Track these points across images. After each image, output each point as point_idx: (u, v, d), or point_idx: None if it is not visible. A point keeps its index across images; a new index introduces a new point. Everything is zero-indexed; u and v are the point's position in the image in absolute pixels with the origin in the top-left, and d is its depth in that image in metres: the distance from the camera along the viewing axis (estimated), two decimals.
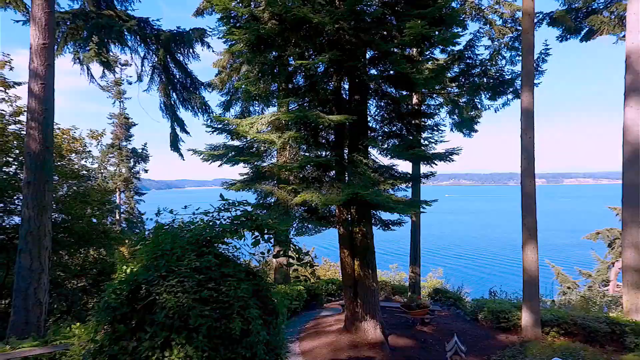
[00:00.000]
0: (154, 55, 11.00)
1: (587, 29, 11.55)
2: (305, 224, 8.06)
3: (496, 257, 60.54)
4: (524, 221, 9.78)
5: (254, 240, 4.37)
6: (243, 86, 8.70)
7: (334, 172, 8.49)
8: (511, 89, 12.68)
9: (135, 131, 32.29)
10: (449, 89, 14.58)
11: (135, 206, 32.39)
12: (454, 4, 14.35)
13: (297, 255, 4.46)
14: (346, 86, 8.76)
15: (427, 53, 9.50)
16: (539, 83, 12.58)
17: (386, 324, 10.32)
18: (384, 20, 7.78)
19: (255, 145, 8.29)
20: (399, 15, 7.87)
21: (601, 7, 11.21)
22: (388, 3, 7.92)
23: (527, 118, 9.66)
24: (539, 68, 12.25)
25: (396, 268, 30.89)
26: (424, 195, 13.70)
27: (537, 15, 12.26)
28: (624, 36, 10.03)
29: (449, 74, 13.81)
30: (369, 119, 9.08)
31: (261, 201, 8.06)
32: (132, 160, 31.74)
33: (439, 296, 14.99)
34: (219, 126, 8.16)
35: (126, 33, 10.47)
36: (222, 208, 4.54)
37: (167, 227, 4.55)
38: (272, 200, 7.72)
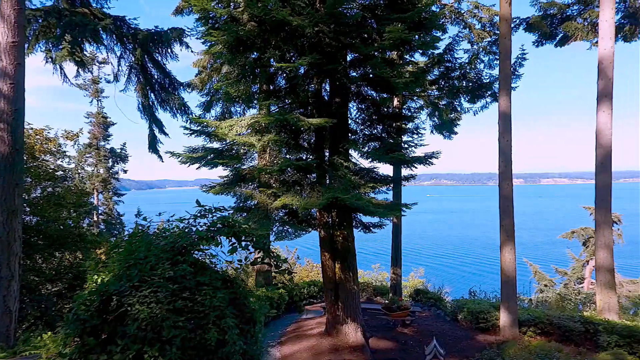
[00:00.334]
0: (130, 55, 10.74)
1: (561, 34, 11.85)
2: (286, 228, 7.99)
3: (476, 256, 61.63)
4: (501, 223, 9.94)
5: (231, 247, 4.29)
6: (223, 88, 8.61)
7: (314, 175, 8.46)
8: (489, 92, 12.89)
9: (114, 130, 31.57)
10: (430, 91, 14.74)
11: (114, 207, 31.66)
12: (434, 8, 14.62)
13: (275, 263, 4.39)
14: (328, 88, 8.75)
15: (407, 57, 9.54)
16: (516, 87, 12.82)
17: (367, 326, 10.35)
18: (365, 23, 7.79)
19: (235, 148, 8.18)
20: (379, 18, 7.89)
21: (575, 14, 11.51)
22: (368, 6, 7.94)
23: (505, 122, 9.83)
24: (516, 72, 12.48)
25: (378, 268, 31.08)
26: (406, 196, 13.82)
27: (514, 20, 12.50)
28: (596, 42, 10.30)
29: (429, 77, 13.97)
30: (350, 121, 9.10)
31: (241, 204, 7.95)
32: (110, 160, 31.04)
33: (420, 297, 15.14)
34: (198, 128, 8.02)
35: (102, 32, 10.20)
36: (199, 214, 4.45)
37: (141, 234, 4.43)
38: (253, 204, 7.62)
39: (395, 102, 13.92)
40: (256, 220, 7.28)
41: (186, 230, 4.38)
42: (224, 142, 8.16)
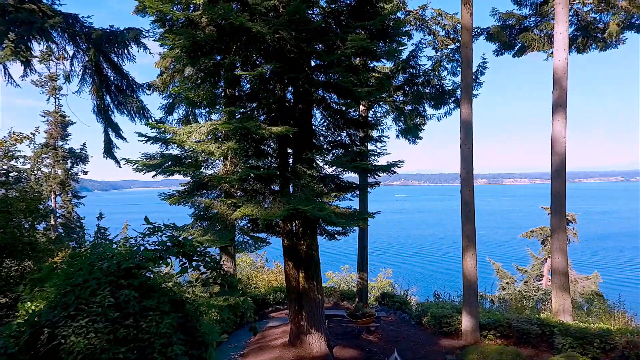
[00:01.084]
0: (84, 55, 10.16)
1: (520, 45, 12.24)
2: (246, 239, 7.77)
3: (443, 254, 63.16)
4: (463, 228, 10.12)
5: (181, 267, 4.06)
6: (182, 92, 8.29)
7: (278, 183, 8.29)
8: (452, 99, 13.15)
9: (74, 130, 30.08)
10: (395, 96, 14.88)
11: (73, 210, 30.17)
12: (399, 14, 14.77)
13: (228, 283, 4.19)
14: (292, 93, 8.60)
15: (372, 63, 9.53)
16: (477, 94, 13.16)
17: (332, 333, 10.27)
18: (328, 30, 7.70)
19: (194, 155, 7.88)
20: (342, 26, 7.82)
21: (532, 25, 11.91)
22: (332, 13, 7.85)
23: (466, 129, 10.01)
24: (477, 80, 12.79)
25: (347, 269, 31.18)
26: (375, 196, 13.88)
27: (476, 30, 12.80)
28: (552, 53, 10.68)
29: (395, 83, 14.10)
30: (315, 127, 8.99)
31: (201, 213, 7.66)
32: (69, 161, 29.51)
33: (386, 300, 15.26)
34: (154, 135, 7.66)
35: (52, 30, 9.59)
36: (147, 232, 4.19)
37: (83, 254, 4.12)
38: (213, 213, 7.35)
39: (362, 107, 13.95)
40: (216, 230, 7.02)
41: (134, 249, 4.12)
42: (183, 149, 7.85)
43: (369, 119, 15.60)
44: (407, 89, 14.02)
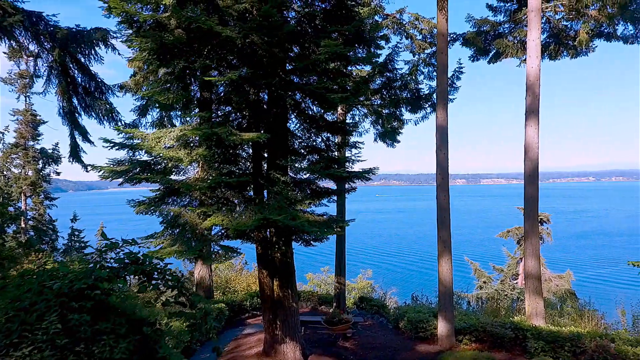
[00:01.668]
0: (49, 55, 9.72)
1: (494, 50, 12.39)
2: (216, 249, 7.54)
3: (423, 253, 63.94)
4: (439, 234, 10.15)
5: (139, 286, 3.84)
6: (153, 96, 7.99)
7: (251, 190, 8.10)
8: (429, 103, 13.20)
9: (45, 129, 29.08)
10: (373, 100, 14.86)
11: (45, 212, 29.11)
12: (377, 18, 14.76)
13: (190, 302, 4.00)
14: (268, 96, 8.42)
15: (350, 68, 9.44)
16: (454, 98, 13.26)
17: (309, 340, 10.14)
18: (302, 34, 7.56)
19: (164, 162, 7.60)
20: (317, 30, 7.69)
21: (506, 31, 12.08)
22: (306, 17, 7.71)
23: (442, 135, 10.03)
24: (454, 85, 12.88)
25: (328, 271, 31.13)
26: (356, 196, 13.79)
27: (452, 35, 12.89)
28: (525, 59, 10.83)
29: (372, 86, 14.07)
30: (291, 132, 8.83)
31: (171, 222, 7.38)
32: (40, 161, 28.42)
33: (364, 304, 15.23)
34: (121, 140, 7.34)
35: (13, 28, 9.13)
36: (103, 249, 3.95)
37: (34, 273, 3.85)
38: (183, 221, 7.09)
39: (340, 111, 13.86)
40: (184, 240, 6.78)
41: (89, 266, 3.88)
42: (152, 154, 7.55)
43: (347, 122, 15.59)
44: (385, 92, 14.01)
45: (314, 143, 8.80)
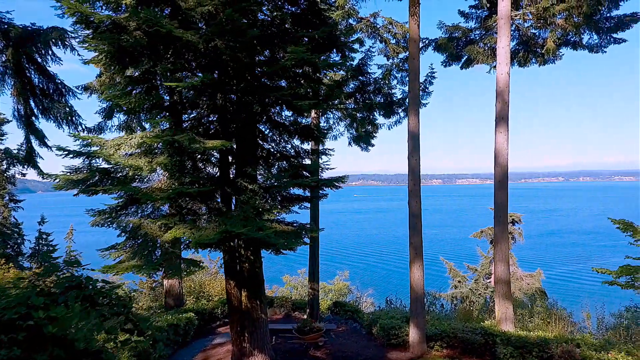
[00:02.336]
0: (2, 54, 9.16)
1: (466, 57, 12.48)
2: (178, 262, 7.22)
3: (401, 253, 64.66)
4: (411, 240, 10.10)
5: (82, 312, 3.55)
6: (113, 100, 7.60)
7: (219, 198, 7.82)
8: (402, 108, 13.19)
9: (11, 128, 27.73)
10: (348, 103, 14.76)
11: (10, 215, 27.72)
12: (351, 21, 14.67)
13: (139, 329, 3.72)
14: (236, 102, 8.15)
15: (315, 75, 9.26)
16: (426, 103, 13.31)
17: (279, 350, 9.91)
18: (270, 39, 7.33)
19: (126, 169, 7.23)
20: (286, 35, 7.48)
21: (477, 38, 12.19)
22: (274, 21, 7.49)
23: (414, 141, 10.00)
24: (426, 89, 12.91)
25: (304, 273, 30.93)
26: (334, 196, 13.67)
27: (424, 40, 12.92)
28: (495, 66, 10.92)
29: (347, 89, 13.96)
30: (260, 138, 8.59)
31: (131, 233, 7.02)
32: (4, 162, 27.03)
33: (338, 309, 15.13)
34: (77, 148, 6.93)
35: None
36: (44, 272, 3.64)
37: None
38: (142, 233, 6.75)
39: (313, 114, 13.70)
40: (144, 254, 6.45)
41: (26, 290, 3.56)
42: (110, 163, 7.17)
43: (322, 125, 15.43)
44: (359, 96, 13.94)
45: (284, 150, 8.59)
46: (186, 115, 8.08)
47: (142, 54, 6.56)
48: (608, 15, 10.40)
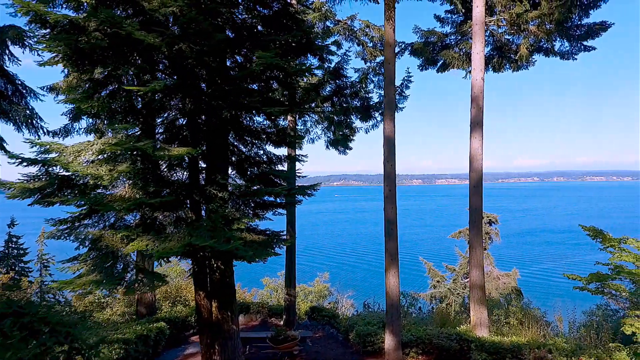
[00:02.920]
0: None
1: (442, 61, 12.50)
2: (141, 277, 6.88)
3: (380, 252, 65.01)
4: (386, 246, 10.00)
5: (20, 343, 3.25)
6: (74, 104, 7.21)
7: (189, 207, 7.51)
8: (379, 112, 13.12)
9: None
10: (325, 106, 14.61)
11: None
12: (328, 23, 14.52)
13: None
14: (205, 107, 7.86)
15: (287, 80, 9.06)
16: (403, 107, 13.28)
17: None
18: (241, 43, 7.09)
19: (86, 179, 6.85)
20: (256, 39, 7.25)
21: (453, 43, 12.22)
22: (244, 24, 7.25)
23: (389, 147, 9.90)
24: (403, 93, 12.88)
25: (284, 275, 30.59)
26: (314, 197, 13.46)
27: (401, 44, 12.89)
28: (470, 71, 10.96)
29: (324, 92, 13.80)
30: (231, 144, 8.32)
31: (92, 245, 6.65)
32: None
33: (315, 314, 14.95)
34: (33, 155, 6.52)
35: None
36: None
37: None
38: (103, 245, 6.39)
39: (290, 118, 13.48)
40: (106, 268, 6.11)
41: None
42: (69, 171, 6.77)
43: (299, 128, 15.24)
44: (336, 99, 13.80)
45: (257, 156, 8.35)
46: (157, 120, 7.76)
47: (103, 56, 6.22)
48: (579, 23, 10.57)
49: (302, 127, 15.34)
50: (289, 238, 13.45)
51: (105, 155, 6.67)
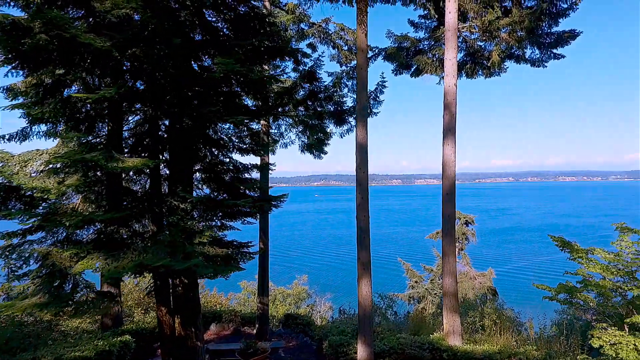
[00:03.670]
0: None
1: (415, 66, 12.42)
2: (91, 297, 6.45)
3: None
4: (358, 255, 9.80)
5: None
6: (23, 108, 6.72)
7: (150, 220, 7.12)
8: (353, 117, 12.94)
9: None
10: (299, 109, 14.33)
11: None
12: (303, 25, 14.26)
13: None
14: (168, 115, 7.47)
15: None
16: (377, 112, 13.15)
17: None
18: (203, 47, 6.75)
19: (34, 190, 6.38)
20: (221, 42, 6.92)
21: (426, 48, 12.16)
22: (209, 27, 6.91)
23: (362, 153, 9.71)
24: (377, 98, 12.74)
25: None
26: (295, 196, 13.17)
27: (374, 49, 12.75)
28: (444, 77, 10.88)
29: (297, 96, 13.53)
30: (195, 154, 7.96)
31: (41, 264, 6.19)
32: None
33: (289, 322, 14.69)
34: None
35: None
36: None
37: None
38: (50, 263, 5.94)
39: (263, 122, 13.16)
40: (53, 288, 5.68)
41: None
42: (12, 183, 6.29)
43: (272, 132, 14.92)
44: (310, 103, 13.54)
45: (223, 165, 8.00)
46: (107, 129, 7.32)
47: (50, 59, 5.78)
48: (549, 31, 10.64)
49: (276, 131, 15.04)
50: (262, 247, 13.15)
51: (54, 166, 6.25)
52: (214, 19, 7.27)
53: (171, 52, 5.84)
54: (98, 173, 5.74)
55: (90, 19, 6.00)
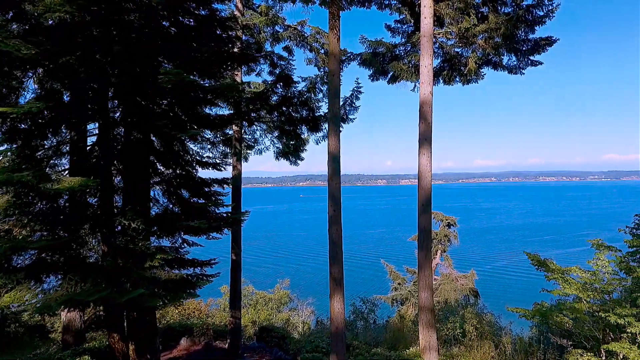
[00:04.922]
0: None
1: (392, 72, 12.06)
2: (20, 333, 5.87)
3: (347, 253, 64.82)
4: (331, 270, 9.38)
5: None
6: None
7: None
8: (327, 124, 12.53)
9: None
10: (274, 114, 13.86)
11: None
12: (277, 28, 13.79)
13: None
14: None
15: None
16: (354, 118, 12.77)
17: None
18: (154, 56, 6.21)
19: None
20: (174, 50, 6.39)
21: (402, 54, 11.81)
22: (160, 33, 6.37)
23: (334, 164, 9.29)
24: (353, 104, 12.36)
25: (243, 282, 29.53)
26: (281, 196, 12.68)
27: (349, 54, 12.36)
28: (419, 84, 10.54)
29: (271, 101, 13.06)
30: (152, 170, 7.41)
31: None
32: None
33: (264, 335, 14.19)
34: None
35: None
36: None
37: None
38: None
39: (235, 128, 12.64)
40: None
41: None
42: None
43: (246, 137, 14.39)
44: (285, 109, 13.08)
45: (182, 179, 7.47)
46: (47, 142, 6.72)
47: None
48: (525, 37, 10.41)
49: (250, 137, 14.52)
50: (234, 258, 12.66)
51: None
52: (166, 24, 6.74)
53: (114, 60, 5.30)
54: (23, 198, 5.17)
55: (25, 24, 5.40)
